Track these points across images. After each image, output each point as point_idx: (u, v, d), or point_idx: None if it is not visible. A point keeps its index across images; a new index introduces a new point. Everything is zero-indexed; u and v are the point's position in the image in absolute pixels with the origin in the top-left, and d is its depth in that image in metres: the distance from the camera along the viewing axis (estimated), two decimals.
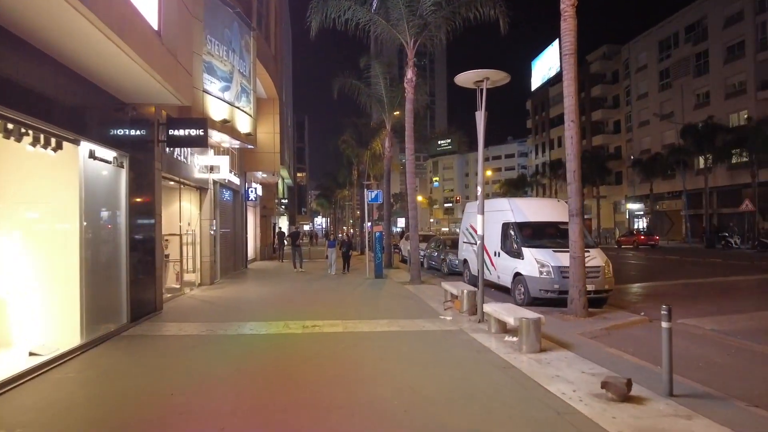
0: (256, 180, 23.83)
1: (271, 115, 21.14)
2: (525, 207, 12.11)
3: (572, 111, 9.56)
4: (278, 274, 18.55)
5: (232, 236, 19.16)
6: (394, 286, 14.43)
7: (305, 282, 15.53)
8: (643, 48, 52.56)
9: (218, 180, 15.49)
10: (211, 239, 14.56)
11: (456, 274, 17.95)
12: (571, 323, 8.81)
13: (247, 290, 13.58)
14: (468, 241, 14.71)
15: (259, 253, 25.99)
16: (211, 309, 10.50)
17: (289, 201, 54.12)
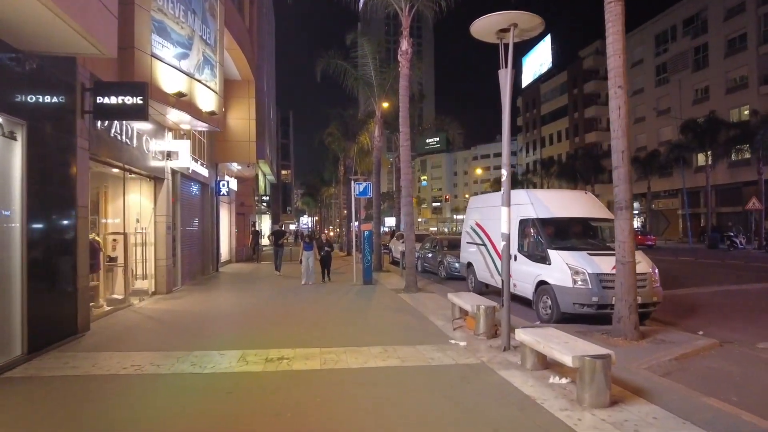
0: (231, 173, 21.46)
1: (246, 99, 18.81)
2: (548, 200, 9.96)
3: (620, 74, 7.45)
4: (252, 279, 16.20)
5: (199, 235, 16.77)
6: (387, 294, 12.21)
7: (282, 289, 13.24)
8: (639, 43, 51.03)
9: (178, 169, 13.13)
10: (167, 239, 12.19)
11: (456, 278, 15.81)
12: (624, 350, 6.66)
13: (209, 301, 11.25)
14: (473, 242, 12.55)
15: (234, 255, 23.59)
16: (154, 329, 8.16)
17: (273, 199, 51.61)
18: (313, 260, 14.21)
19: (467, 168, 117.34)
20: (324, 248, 15.04)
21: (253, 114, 18.76)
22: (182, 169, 13.36)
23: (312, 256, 14.25)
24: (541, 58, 74.43)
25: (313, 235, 16.77)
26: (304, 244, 14.30)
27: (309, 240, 14.67)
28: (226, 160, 18.67)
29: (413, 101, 23.43)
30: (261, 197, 37.63)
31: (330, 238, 17.95)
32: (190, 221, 15.54)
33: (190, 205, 15.63)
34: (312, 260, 14.19)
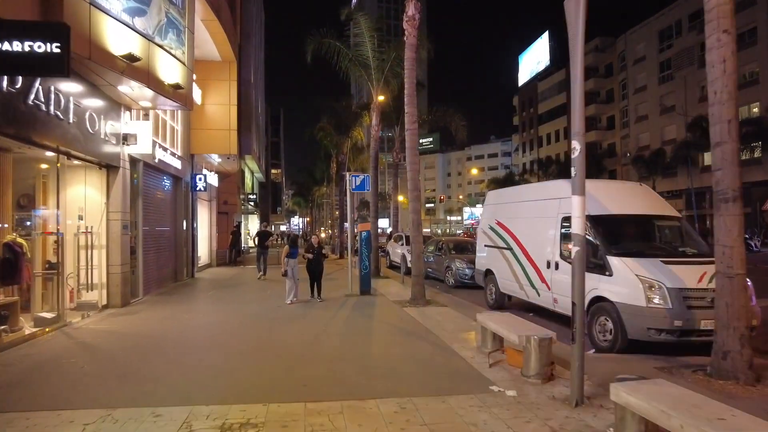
0: (211, 167, 19.24)
1: (226, 82, 16.63)
2: (599, 193, 7.86)
3: (727, 14, 5.39)
4: (231, 287, 14.01)
5: (171, 237, 14.55)
6: (390, 309, 10.09)
7: (262, 302, 11.07)
8: (641, 39, 49.42)
9: (139, 157, 10.92)
10: (123, 241, 9.99)
11: (466, 287, 13.75)
12: (745, 402, 4.58)
13: (170, 319, 9.04)
14: (492, 245, 10.46)
15: (215, 258, 21.34)
16: (72, 369, 5.93)
17: (262, 198, 49.34)
18: (298, 272, 10.87)
19: (461, 169, 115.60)
20: (315, 255, 11.20)
21: (235, 98, 16.58)
22: (144, 156, 11.15)
23: (297, 266, 10.90)
24: (538, 56, 72.83)
25: (298, 237, 12.45)
26: (290, 249, 10.76)
27: (294, 244, 11.14)
28: (203, 150, 16.47)
29: None
30: (248, 196, 35.36)
31: (322, 241, 12.88)
32: (158, 220, 13.32)
33: (159, 201, 13.42)
34: (297, 271, 10.86)
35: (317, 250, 11.29)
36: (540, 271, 8.43)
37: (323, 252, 11.70)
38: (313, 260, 11.10)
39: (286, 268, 10.62)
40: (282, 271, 10.71)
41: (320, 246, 11.64)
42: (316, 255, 11.18)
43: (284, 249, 10.90)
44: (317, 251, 11.27)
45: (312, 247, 11.30)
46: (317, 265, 11.21)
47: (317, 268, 11.21)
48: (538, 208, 8.76)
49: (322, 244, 12.14)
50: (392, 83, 16.88)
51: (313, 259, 11.10)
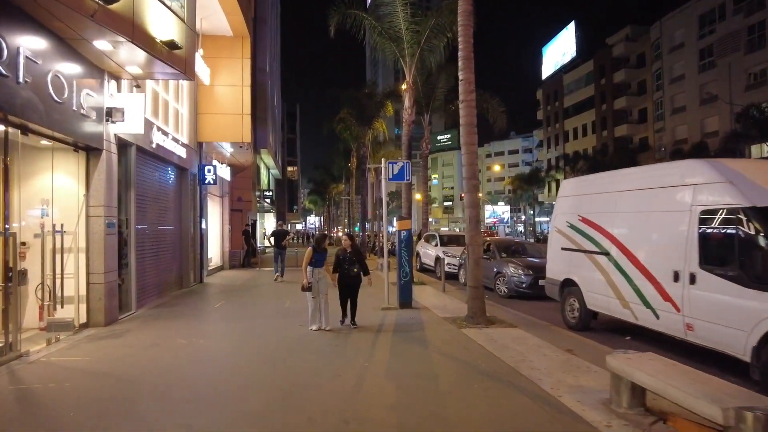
0: (222, 158, 17.22)
1: (238, 60, 14.55)
2: (759, 176, 5.51)
3: None
4: (244, 295, 11.91)
5: (175, 237, 12.55)
6: (445, 331, 7.88)
7: (281, 317, 8.95)
8: (679, 25, 46.31)
9: (130, 139, 8.87)
10: (108, 242, 7.93)
11: (523, 298, 11.51)
12: None
13: (161, 346, 6.93)
14: (575, 248, 8.18)
15: (227, 260, 19.34)
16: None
17: (278, 196, 47.56)
18: (326, 285, 7.89)
19: (480, 166, 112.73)
20: (348, 265, 7.89)
21: (248, 79, 14.50)
22: (137, 139, 9.10)
23: (323, 276, 7.90)
24: (563, 47, 69.83)
25: (325, 237, 9.40)
26: (314, 254, 7.75)
27: (319, 246, 7.94)
28: (213, 138, 14.44)
29: (444, 68, 19.12)
30: (263, 193, 33.43)
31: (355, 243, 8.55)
32: (158, 217, 11.31)
33: (159, 194, 11.40)
34: (325, 284, 7.86)
35: (348, 256, 7.92)
36: (660, 284, 6.14)
37: (360, 255, 8.12)
38: (346, 270, 7.89)
39: (310, 281, 7.61)
40: (303, 284, 7.62)
41: (355, 250, 8.04)
42: (348, 262, 7.89)
43: (306, 253, 7.82)
44: (348, 257, 7.91)
45: (347, 255, 7.94)
46: (351, 277, 7.92)
47: (352, 280, 7.94)
48: (655, 199, 6.46)
49: (357, 247, 8.35)
50: (428, 60, 14.63)
51: (345, 269, 7.89)
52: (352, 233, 9.44)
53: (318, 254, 7.88)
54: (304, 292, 7.69)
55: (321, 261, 7.95)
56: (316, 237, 8.51)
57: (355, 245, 8.17)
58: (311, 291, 7.67)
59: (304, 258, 7.78)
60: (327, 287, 7.94)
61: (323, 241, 8.18)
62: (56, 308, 7.59)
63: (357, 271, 7.90)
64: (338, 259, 7.93)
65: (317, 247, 7.93)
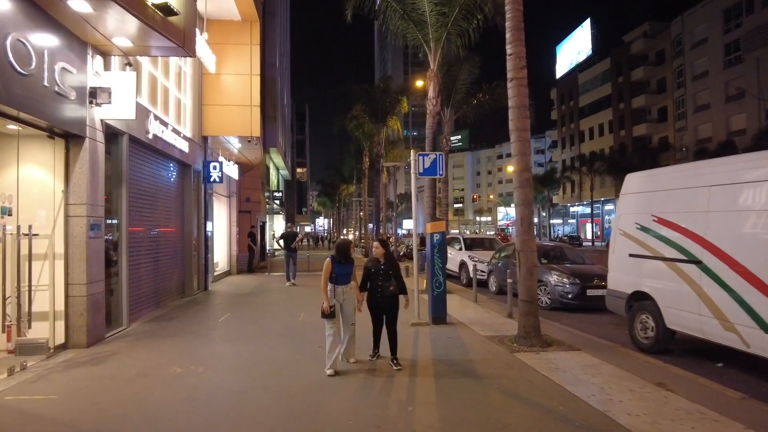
0: (230, 155, 15.99)
1: (247, 46, 13.31)
2: None
3: None
4: (252, 306, 10.61)
5: (176, 240, 11.32)
6: (495, 356, 6.52)
7: (295, 335, 7.64)
8: (702, 19, 44.61)
9: (120, 126, 7.64)
10: (92, 247, 6.68)
11: (568, 310, 10.14)
12: None
13: (150, 376, 5.64)
14: (649, 254, 6.79)
15: (235, 264, 18.12)
16: None
17: (287, 198, 46.40)
18: (353, 308, 5.84)
19: (491, 167, 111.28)
20: (382, 281, 5.83)
21: (257, 67, 13.25)
22: (129, 127, 7.86)
23: (352, 298, 5.83)
24: (578, 45, 68.19)
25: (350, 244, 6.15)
26: (334, 265, 5.73)
27: (344, 255, 5.79)
28: (219, 131, 13.20)
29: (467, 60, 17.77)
30: (273, 194, 32.24)
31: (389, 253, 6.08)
32: (156, 218, 10.07)
33: (159, 192, 10.16)
34: (352, 307, 5.82)
35: (382, 269, 5.86)
36: None
37: (397, 268, 5.99)
38: (379, 288, 5.81)
39: (332, 302, 5.62)
40: (323, 308, 5.55)
41: (389, 261, 5.97)
42: (382, 277, 5.81)
43: (325, 266, 5.70)
44: (382, 271, 5.84)
45: (375, 265, 5.92)
46: (387, 298, 5.82)
47: (388, 302, 5.85)
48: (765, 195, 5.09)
49: (393, 257, 6.27)
50: (455, 45, 13.28)
51: (379, 286, 5.81)
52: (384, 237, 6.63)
53: (340, 267, 5.73)
54: (325, 319, 5.59)
55: (345, 276, 5.79)
56: (338, 244, 5.93)
57: (389, 254, 6.05)
58: (332, 317, 5.59)
59: (323, 272, 5.71)
60: (354, 311, 5.86)
61: (347, 249, 5.87)
62: (30, 326, 6.34)
63: (394, 289, 5.80)
64: (368, 273, 5.93)
65: (339, 258, 5.74)
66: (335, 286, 5.74)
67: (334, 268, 5.73)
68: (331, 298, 5.66)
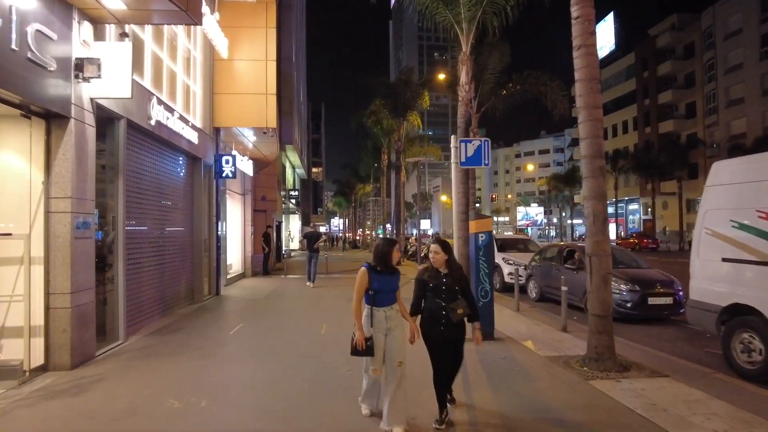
0: (244, 150, 14.93)
1: (262, 30, 12.21)
2: None
3: None
4: (267, 314, 9.47)
5: (185, 241, 10.26)
6: (565, 383, 5.27)
7: (319, 362, 6.48)
8: (736, 9, 42.54)
9: (114, 108, 6.56)
10: (78, 248, 5.59)
11: (626, 320, 8.85)
12: None
13: (141, 414, 4.52)
14: (754, 258, 5.50)
15: (250, 266, 17.07)
16: None
17: (303, 198, 45.42)
18: (402, 344, 3.92)
19: (509, 166, 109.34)
20: (446, 301, 3.94)
21: (273, 52, 12.14)
22: (126, 110, 6.78)
23: (401, 328, 3.95)
24: (601, 40, 65.96)
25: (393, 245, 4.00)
26: (371, 281, 3.86)
27: (384, 263, 3.92)
28: (232, 122, 12.12)
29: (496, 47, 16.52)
30: (289, 192, 31.22)
31: (453, 260, 4.18)
32: (163, 216, 9.01)
33: (164, 187, 9.09)
34: (401, 343, 3.92)
35: (445, 284, 4.01)
36: None
37: (464, 281, 4.13)
38: (442, 311, 3.95)
39: (368, 336, 3.85)
40: (355, 341, 3.83)
41: (453, 271, 4.09)
42: (445, 295, 3.98)
43: (359, 279, 3.90)
44: (445, 286, 4.00)
45: (433, 276, 4.08)
46: (452, 326, 3.96)
47: (454, 333, 4.01)
48: None
49: (458, 266, 4.23)
50: (490, 25, 12.02)
51: (441, 308, 3.95)
52: (445, 239, 4.87)
53: (381, 279, 3.89)
54: (357, 356, 3.86)
55: (389, 293, 3.93)
56: (378, 246, 4.03)
57: (454, 262, 4.16)
58: (370, 354, 3.82)
59: (355, 288, 3.89)
60: (403, 347, 3.92)
61: (389, 253, 3.93)
62: (1, 345, 5.27)
63: (463, 313, 3.92)
64: (424, 289, 4.04)
65: (379, 266, 3.92)
66: (373, 309, 3.88)
67: (372, 281, 3.87)
68: (366, 326, 3.87)
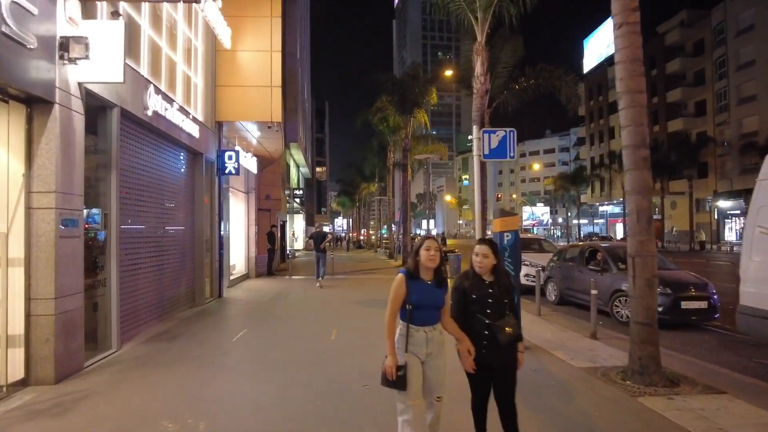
0: (248, 146, 14.36)
1: (267, 19, 11.64)
2: None
3: None
4: (273, 318, 8.89)
5: (185, 240, 9.69)
6: (610, 401, 4.65)
7: (331, 374, 5.89)
8: (749, 4, 41.66)
9: (105, 95, 5.99)
10: (59, 248, 5.02)
11: (673, 326, 8.24)
12: None
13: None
14: None
15: (254, 266, 16.51)
16: None
17: (307, 198, 44.89)
18: (443, 373, 3.02)
19: (513, 166, 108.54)
20: (491, 317, 3.05)
21: (278, 43, 11.57)
22: (117, 96, 6.21)
23: (442, 356, 3.01)
24: (607, 38, 65.17)
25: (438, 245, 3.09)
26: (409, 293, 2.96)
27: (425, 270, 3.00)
28: (235, 116, 11.55)
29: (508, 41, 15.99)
30: (293, 191, 30.68)
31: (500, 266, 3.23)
32: (162, 214, 8.45)
33: (163, 184, 8.52)
34: (443, 373, 3.02)
35: (492, 295, 3.09)
36: None
37: (511, 293, 3.17)
38: (487, 330, 3.03)
39: (402, 364, 2.88)
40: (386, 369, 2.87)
41: (500, 277, 3.15)
42: (492, 310, 3.07)
43: (394, 288, 2.98)
44: (492, 298, 3.09)
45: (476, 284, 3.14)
46: (499, 350, 3.03)
47: (503, 356, 3.07)
48: None
49: (505, 272, 3.36)
50: (506, 13, 11.41)
51: (485, 326, 3.04)
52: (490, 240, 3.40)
53: (422, 289, 2.98)
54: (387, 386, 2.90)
55: (431, 310, 3.02)
56: (416, 248, 3.06)
57: (501, 267, 3.27)
58: (401, 388, 2.88)
59: (390, 297, 2.99)
60: (444, 379, 3.04)
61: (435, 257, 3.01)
62: None
63: (512, 332, 3.04)
64: (463, 301, 3.13)
65: (415, 271, 3.01)
66: (410, 328, 2.93)
67: (411, 292, 2.94)
68: (400, 349, 2.92)
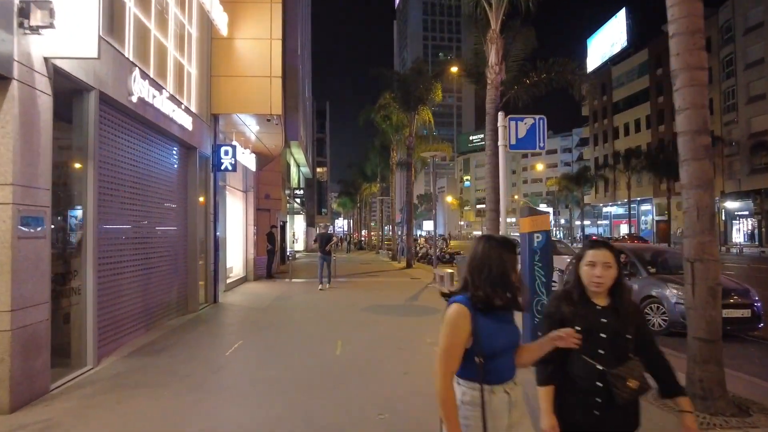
0: (246, 142, 13.59)
1: (266, 5, 10.88)
2: None
3: None
4: (272, 327, 8.10)
5: (177, 242, 8.92)
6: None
7: (338, 391, 5.12)
8: (756, 2, 40.92)
9: (80, 75, 5.22)
10: (17, 251, 4.25)
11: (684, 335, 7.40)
12: None
13: None
14: None
15: (252, 269, 15.73)
16: None
17: (307, 198, 44.14)
18: None
19: (515, 167, 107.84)
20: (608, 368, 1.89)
21: (278, 30, 10.81)
22: (95, 78, 5.44)
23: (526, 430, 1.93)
24: (612, 37, 64.83)
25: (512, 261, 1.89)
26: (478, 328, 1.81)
27: (495, 292, 1.84)
28: (232, 108, 10.79)
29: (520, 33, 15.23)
30: (294, 191, 29.91)
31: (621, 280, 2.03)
32: (150, 213, 7.67)
33: (151, 180, 7.75)
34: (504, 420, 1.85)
35: (611, 323, 1.97)
36: None
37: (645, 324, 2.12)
38: (597, 378, 1.91)
39: None
40: None
41: (622, 298, 2.03)
42: (608, 348, 1.95)
43: (450, 329, 1.83)
44: (611, 328, 1.97)
45: (586, 315, 1.99)
46: (614, 412, 1.91)
47: (615, 420, 1.93)
48: None
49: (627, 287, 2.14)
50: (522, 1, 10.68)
51: (596, 373, 1.92)
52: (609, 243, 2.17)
53: (498, 324, 1.88)
54: None
55: (509, 353, 1.92)
56: (484, 254, 1.92)
57: (624, 286, 2.06)
58: None
59: (442, 347, 1.83)
60: None
61: (510, 271, 1.88)
62: None
63: (637, 386, 1.89)
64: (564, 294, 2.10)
65: (494, 298, 1.87)
66: (485, 389, 1.83)
67: (482, 332, 1.83)
68: (476, 427, 1.82)
